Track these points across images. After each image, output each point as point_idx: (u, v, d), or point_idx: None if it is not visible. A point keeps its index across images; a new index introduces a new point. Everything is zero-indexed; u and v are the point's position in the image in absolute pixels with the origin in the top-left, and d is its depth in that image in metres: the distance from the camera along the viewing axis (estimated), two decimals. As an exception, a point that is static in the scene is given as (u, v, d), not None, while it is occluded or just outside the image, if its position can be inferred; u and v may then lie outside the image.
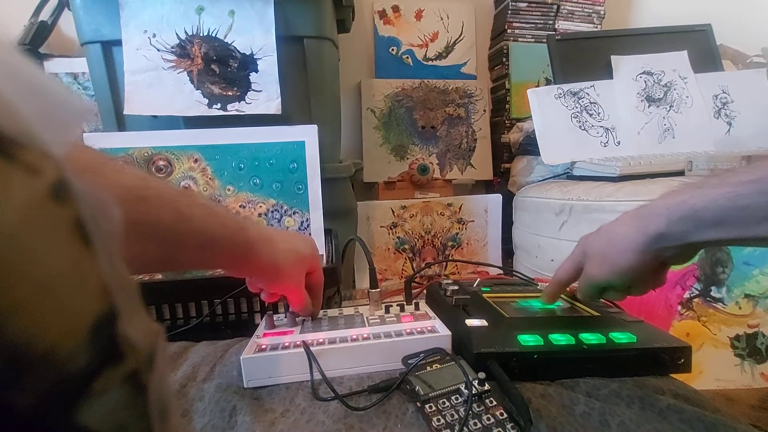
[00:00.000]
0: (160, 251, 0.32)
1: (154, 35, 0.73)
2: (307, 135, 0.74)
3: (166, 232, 0.31)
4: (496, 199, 1.24)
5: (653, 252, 0.38)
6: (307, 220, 0.74)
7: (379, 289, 0.51)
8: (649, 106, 1.03)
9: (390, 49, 1.32)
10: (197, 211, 0.33)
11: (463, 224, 1.25)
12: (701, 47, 1.08)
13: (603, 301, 0.52)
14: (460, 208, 1.24)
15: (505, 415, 0.33)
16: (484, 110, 1.35)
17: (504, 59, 1.31)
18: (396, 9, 1.31)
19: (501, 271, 1.07)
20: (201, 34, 0.74)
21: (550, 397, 0.36)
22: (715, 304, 0.73)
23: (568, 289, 0.50)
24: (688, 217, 0.35)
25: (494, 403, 0.34)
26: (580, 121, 1.01)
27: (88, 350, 0.09)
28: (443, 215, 1.24)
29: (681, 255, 0.39)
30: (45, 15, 0.99)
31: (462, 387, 0.35)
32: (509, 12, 1.27)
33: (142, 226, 0.29)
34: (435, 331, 0.43)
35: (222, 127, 0.73)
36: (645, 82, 1.04)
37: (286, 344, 0.42)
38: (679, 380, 0.41)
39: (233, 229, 0.36)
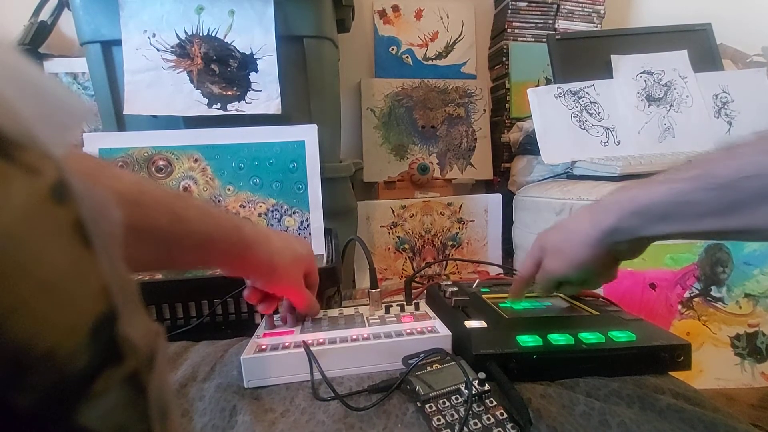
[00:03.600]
0: (157, 253, 0.32)
1: (154, 35, 0.73)
2: (307, 135, 0.74)
3: (162, 235, 0.32)
4: (496, 198, 1.24)
5: (606, 246, 0.40)
6: (307, 219, 0.74)
7: (379, 289, 0.51)
8: (649, 106, 1.03)
9: (390, 49, 1.32)
10: (192, 213, 0.34)
11: (463, 224, 1.25)
12: (701, 46, 1.08)
13: (603, 299, 0.52)
14: (460, 208, 1.24)
15: (505, 415, 0.33)
16: (484, 110, 1.35)
17: (504, 59, 1.31)
18: (396, 8, 1.31)
19: (501, 271, 1.07)
20: (201, 34, 0.74)
21: (550, 397, 0.36)
22: (715, 304, 0.73)
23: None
24: (638, 213, 0.36)
25: (494, 403, 0.34)
26: (580, 121, 1.01)
27: (88, 351, 0.09)
28: (443, 215, 1.24)
29: (632, 249, 0.41)
30: (45, 15, 0.99)
31: (462, 387, 0.35)
32: (509, 11, 1.27)
33: (138, 230, 0.30)
34: (435, 331, 0.43)
35: (222, 126, 0.73)
36: (645, 81, 1.04)
37: (287, 344, 0.42)
38: (679, 379, 0.41)
39: (229, 228, 0.37)
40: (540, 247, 0.46)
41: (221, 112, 0.75)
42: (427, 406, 0.34)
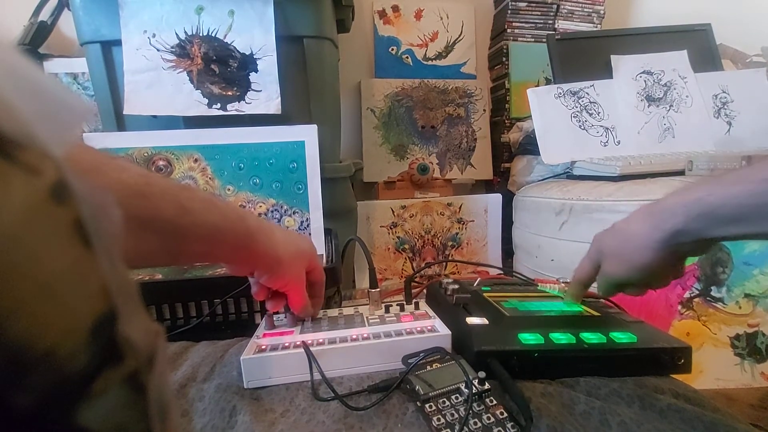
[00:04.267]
0: (164, 244, 0.33)
1: (154, 35, 0.73)
2: (307, 135, 0.74)
3: (168, 226, 0.32)
4: (496, 198, 1.24)
5: (671, 248, 0.38)
6: (307, 219, 0.74)
7: (378, 289, 0.51)
8: (648, 106, 1.03)
9: (390, 49, 1.32)
10: (198, 205, 0.34)
11: (463, 224, 1.25)
12: (701, 47, 1.08)
13: (604, 301, 0.52)
14: (460, 208, 1.24)
15: (506, 414, 0.33)
16: (484, 110, 1.35)
17: (504, 59, 1.31)
18: (396, 9, 1.31)
19: (501, 271, 1.07)
20: (201, 34, 0.74)
21: (550, 396, 0.36)
22: (715, 304, 0.73)
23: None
24: (706, 215, 0.35)
25: (494, 402, 0.34)
26: (579, 121, 1.01)
27: (87, 351, 0.09)
28: (443, 215, 1.24)
29: (698, 248, 0.40)
30: (45, 15, 0.99)
31: (462, 386, 0.35)
32: (509, 12, 1.27)
33: (144, 221, 0.30)
34: (435, 330, 0.43)
35: (222, 127, 0.73)
36: (645, 81, 1.04)
37: (286, 345, 0.42)
38: (679, 380, 0.41)
39: (234, 219, 0.37)
40: (597, 250, 0.45)
41: (221, 112, 0.75)
42: (427, 405, 0.34)
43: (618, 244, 0.43)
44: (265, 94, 0.76)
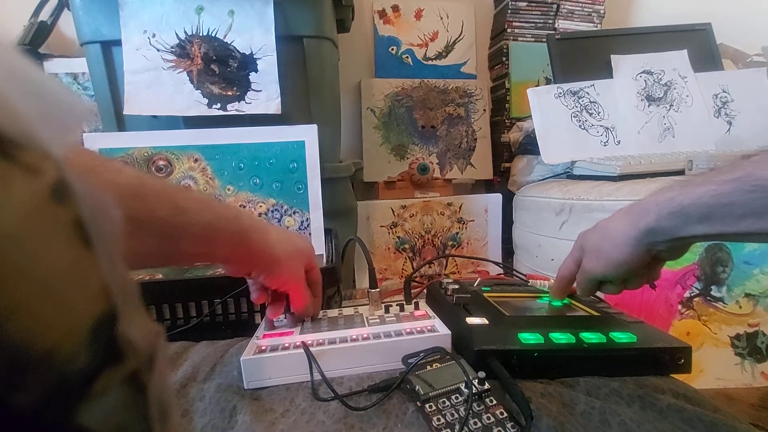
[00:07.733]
0: (160, 245, 0.33)
1: (154, 35, 0.73)
2: (307, 135, 0.74)
3: (163, 226, 0.32)
4: (496, 198, 1.24)
5: (645, 246, 0.40)
6: (307, 219, 0.74)
7: (378, 289, 0.51)
8: (649, 106, 1.03)
9: (390, 49, 1.32)
10: (193, 205, 0.34)
11: (463, 224, 1.25)
12: (701, 46, 1.08)
13: (602, 297, 0.52)
14: (460, 208, 1.24)
15: (506, 414, 0.33)
16: (484, 110, 1.35)
17: (504, 59, 1.31)
18: (396, 8, 1.31)
19: (501, 271, 1.07)
20: (201, 34, 0.74)
21: (550, 396, 0.36)
22: (715, 304, 0.73)
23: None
24: (676, 213, 0.37)
25: (494, 402, 0.34)
26: (580, 121, 1.01)
27: (88, 351, 0.09)
28: (443, 215, 1.24)
29: (672, 249, 0.41)
30: (45, 15, 0.99)
31: (462, 386, 0.35)
32: (509, 11, 1.27)
33: (140, 222, 0.31)
34: (435, 330, 0.43)
35: (222, 126, 0.73)
36: (645, 81, 1.04)
37: (286, 345, 0.42)
38: (680, 379, 0.41)
39: (229, 218, 0.38)
40: (580, 247, 0.46)
41: (221, 112, 0.75)
42: (427, 405, 0.34)
43: (598, 241, 0.44)
44: (265, 94, 0.76)
